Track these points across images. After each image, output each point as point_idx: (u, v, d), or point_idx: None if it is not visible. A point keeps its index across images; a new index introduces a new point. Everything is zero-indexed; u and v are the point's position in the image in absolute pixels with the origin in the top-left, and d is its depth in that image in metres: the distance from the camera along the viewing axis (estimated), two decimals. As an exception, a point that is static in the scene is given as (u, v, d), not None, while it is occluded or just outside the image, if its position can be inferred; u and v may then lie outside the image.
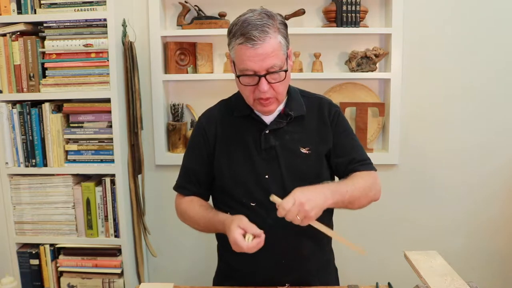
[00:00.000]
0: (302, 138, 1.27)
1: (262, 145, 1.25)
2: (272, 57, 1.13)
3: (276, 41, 1.14)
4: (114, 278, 1.94)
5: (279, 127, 1.26)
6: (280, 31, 1.16)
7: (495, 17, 2.03)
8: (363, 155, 1.32)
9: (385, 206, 2.15)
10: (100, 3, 1.79)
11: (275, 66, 1.15)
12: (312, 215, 1.07)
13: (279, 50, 1.15)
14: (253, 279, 1.27)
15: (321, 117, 1.30)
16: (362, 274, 1.79)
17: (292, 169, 1.25)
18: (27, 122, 1.86)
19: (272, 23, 1.14)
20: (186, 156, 1.38)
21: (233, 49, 1.18)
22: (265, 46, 1.12)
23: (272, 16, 1.16)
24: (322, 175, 1.29)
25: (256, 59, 1.13)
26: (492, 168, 2.14)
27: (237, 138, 1.28)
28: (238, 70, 1.18)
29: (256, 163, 1.25)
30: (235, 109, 1.31)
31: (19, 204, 1.92)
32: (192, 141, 1.37)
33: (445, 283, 1.08)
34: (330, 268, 1.41)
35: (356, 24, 1.98)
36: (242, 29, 1.13)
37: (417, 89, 2.09)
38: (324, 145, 1.29)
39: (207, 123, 1.33)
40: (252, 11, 1.17)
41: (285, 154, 1.25)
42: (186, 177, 1.36)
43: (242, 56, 1.14)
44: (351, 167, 1.29)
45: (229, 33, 1.19)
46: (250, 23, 1.13)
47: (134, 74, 1.93)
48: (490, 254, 2.21)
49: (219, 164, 1.29)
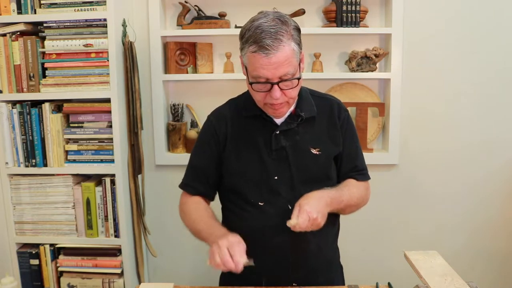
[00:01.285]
0: (312, 139, 1.28)
1: (273, 146, 1.25)
2: (286, 65, 1.12)
3: (289, 49, 1.13)
4: (114, 278, 1.93)
5: (289, 128, 1.26)
6: (294, 37, 1.15)
7: (495, 17, 2.03)
8: (363, 163, 1.37)
9: (385, 206, 2.16)
10: (100, 3, 1.79)
11: (288, 74, 1.14)
12: (322, 224, 1.13)
13: (293, 57, 1.14)
14: (260, 277, 1.27)
15: (332, 119, 1.31)
16: (362, 274, 1.79)
17: (302, 170, 1.25)
18: (27, 122, 1.86)
19: (286, 30, 1.13)
20: (195, 154, 1.36)
21: (245, 55, 1.16)
22: (279, 55, 1.11)
23: (286, 22, 1.14)
24: (331, 176, 1.31)
25: (270, 67, 1.12)
26: (492, 168, 2.14)
27: (247, 138, 1.28)
28: (250, 76, 1.17)
29: (266, 164, 1.25)
30: (244, 109, 1.30)
31: (19, 204, 1.92)
32: (201, 139, 1.35)
33: (445, 283, 1.08)
34: (336, 266, 1.42)
35: (356, 24, 1.98)
36: (255, 36, 1.12)
37: (417, 89, 2.09)
38: (334, 147, 1.30)
39: (217, 122, 1.32)
40: (265, 15, 1.15)
41: (295, 154, 1.26)
42: (194, 175, 1.35)
43: (255, 63, 1.13)
44: (350, 174, 1.34)
45: (241, 37, 1.17)
46: (264, 30, 1.11)
47: (134, 74, 1.93)
48: (490, 254, 2.21)
49: (228, 163, 1.29)
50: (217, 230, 1.19)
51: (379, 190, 2.04)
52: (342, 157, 1.33)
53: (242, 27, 1.18)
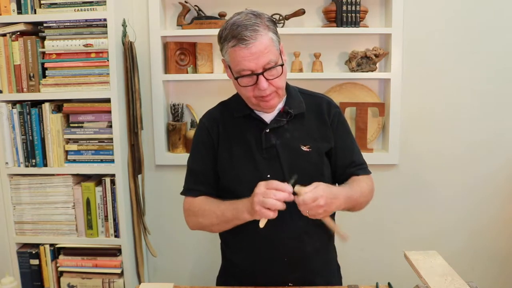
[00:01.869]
0: (302, 136, 1.28)
1: (263, 144, 1.26)
2: (267, 53, 1.15)
3: (267, 38, 1.15)
4: (114, 278, 1.94)
5: (279, 125, 1.27)
6: (270, 28, 1.18)
7: (495, 17, 2.03)
8: (361, 158, 1.37)
9: (385, 206, 2.16)
10: (100, 3, 1.79)
11: (271, 61, 1.16)
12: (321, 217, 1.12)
13: (272, 46, 1.16)
14: (257, 277, 1.27)
15: (321, 116, 1.31)
16: (362, 274, 1.79)
17: (293, 167, 1.25)
18: (27, 122, 1.86)
19: (260, 21, 1.16)
20: (192, 159, 1.36)
21: (226, 53, 1.19)
22: (258, 44, 1.13)
23: (259, 15, 1.18)
24: (324, 173, 1.30)
25: (251, 57, 1.14)
26: (492, 168, 2.14)
27: (239, 138, 1.29)
28: (234, 72, 1.19)
29: (258, 162, 1.26)
30: (235, 110, 1.32)
31: (19, 204, 1.92)
32: (197, 142, 1.36)
33: (445, 283, 1.08)
34: (333, 266, 1.42)
35: (356, 24, 1.98)
36: (232, 31, 1.15)
37: (417, 89, 2.09)
38: (324, 143, 1.30)
39: (209, 124, 1.33)
40: (238, 13, 1.19)
41: (286, 152, 1.26)
42: (194, 179, 1.34)
43: (237, 57, 1.15)
44: (350, 170, 1.33)
45: (219, 38, 1.20)
46: (239, 24, 1.14)
47: (134, 74, 1.93)
48: (490, 254, 2.21)
49: (222, 164, 1.30)
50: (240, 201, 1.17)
51: (379, 190, 2.01)
52: (337, 152, 1.32)
53: (219, 30, 1.21)
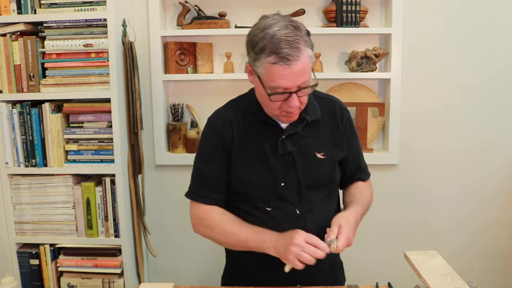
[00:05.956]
0: (317, 143, 1.27)
1: (279, 151, 1.24)
2: (305, 73, 1.10)
3: (307, 56, 1.10)
4: (114, 278, 1.93)
5: (295, 132, 1.25)
6: (308, 43, 1.11)
7: (495, 17, 2.03)
8: (364, 161, 1.41)
9: (385, 206, 2.16)
10: (100, 3, 1.79)
11: (306, 81, 1.12)
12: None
13: (309, 65, 1.12)
14: (265, 278, 1.26)
15: (335, 122, 1.31)
16: (362, 274, 1.78)
17: (308, 174, 1.25)
18: (27, 122, 1.86)
19: (300, 36, 1.09)
20: (204, 161, 1.29)
21: (261, 66, 1.11)
22: (299, 64, 1.08)
23: (298, 27, 1.10)
24: (335, 179, 1.32)
25: (290, 77, 1.09)
26: (492, 168, 2.14)
27: (254, 143, 1.25)
28: (267, 87, 1.12)
29: (273, 169, 1.24)
30: (249, 112, 1.26)
31: (19, 204, 1.92)
32: (207, 144, 1.29)
33: (445, 283, 1.08)
34: (337, 264, 1.43)
35: (356, 24, 1.98)
36: (273, 45, 1.07)
37: (417, 89, 2.09)
38: (338, 151, 1.30)
39: (223, 126, 1.26)
40: (274, 20, 1.11)
41: (301, 159, 1.25)
42: (206, 184, 1.28)
43: (275, 74, 1.09)
44: (356, 176, 1.37)
45: (253, 46, 1.12)
46: (280, 38, 1.06)
47: (134, 74, 1.93)
48: (490, 254, 2.21)
49: (235, 168, 1.26)
50: (267, 234, 1.17)
51: (379, 190, 2.01)
52: (348, 160, 1.34)
53: (251, 36, 1.13)
